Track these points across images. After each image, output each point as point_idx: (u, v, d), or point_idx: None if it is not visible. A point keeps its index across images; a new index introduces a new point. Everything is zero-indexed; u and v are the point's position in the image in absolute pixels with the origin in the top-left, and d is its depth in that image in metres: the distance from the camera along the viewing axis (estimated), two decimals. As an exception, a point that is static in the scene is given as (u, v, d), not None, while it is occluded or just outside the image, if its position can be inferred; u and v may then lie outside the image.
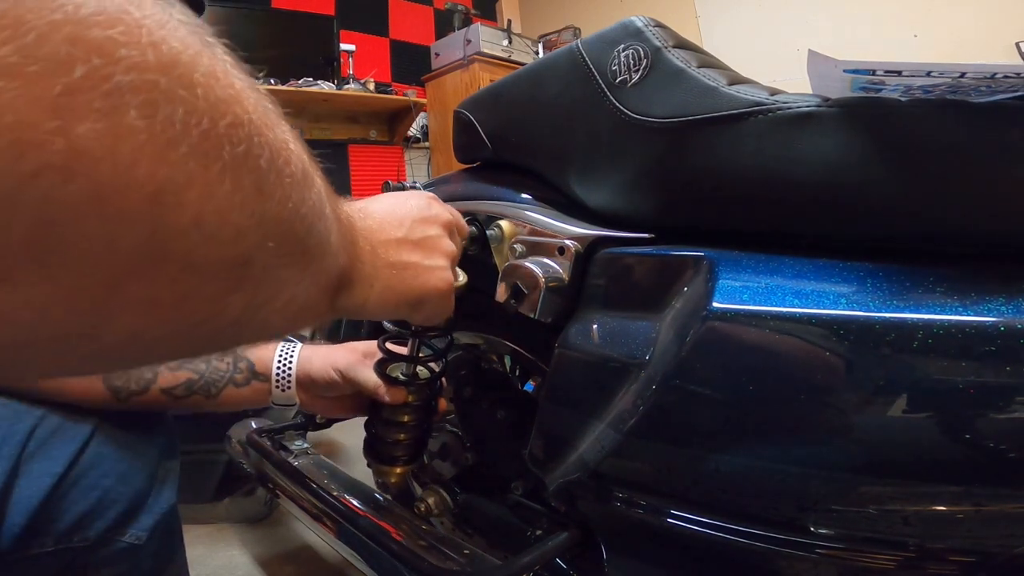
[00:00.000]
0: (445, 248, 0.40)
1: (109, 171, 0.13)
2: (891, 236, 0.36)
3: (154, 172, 0.14)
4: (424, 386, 0.57)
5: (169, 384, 0.50)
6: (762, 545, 0.35)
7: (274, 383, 0.57)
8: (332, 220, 0.26)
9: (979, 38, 2.12)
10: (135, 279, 0.15)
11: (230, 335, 0.22)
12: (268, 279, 0.20)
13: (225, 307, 0.19)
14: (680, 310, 0.39)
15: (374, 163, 3.01)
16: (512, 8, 3.74)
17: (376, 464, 0.59)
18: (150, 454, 0.48)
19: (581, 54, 0.51)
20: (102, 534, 0.43)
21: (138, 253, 0.15)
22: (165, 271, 0.16)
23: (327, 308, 0.29)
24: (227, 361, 0.54)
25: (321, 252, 0.25)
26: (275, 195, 0.19)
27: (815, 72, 0.37)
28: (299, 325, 0.27)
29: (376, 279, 0.34)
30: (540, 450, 0.49)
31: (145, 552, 0.46)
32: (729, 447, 0.36)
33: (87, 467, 0.43)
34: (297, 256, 0.22)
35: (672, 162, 0.44)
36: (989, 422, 0.29)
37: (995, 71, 0.31)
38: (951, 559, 0.31)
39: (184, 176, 0.15)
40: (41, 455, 0.41)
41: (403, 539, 0.58)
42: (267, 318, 0.22)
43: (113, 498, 0.44)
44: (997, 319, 0.29)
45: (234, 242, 0.18)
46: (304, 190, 0.21)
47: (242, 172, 0.17)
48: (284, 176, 0.20)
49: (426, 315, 0.40)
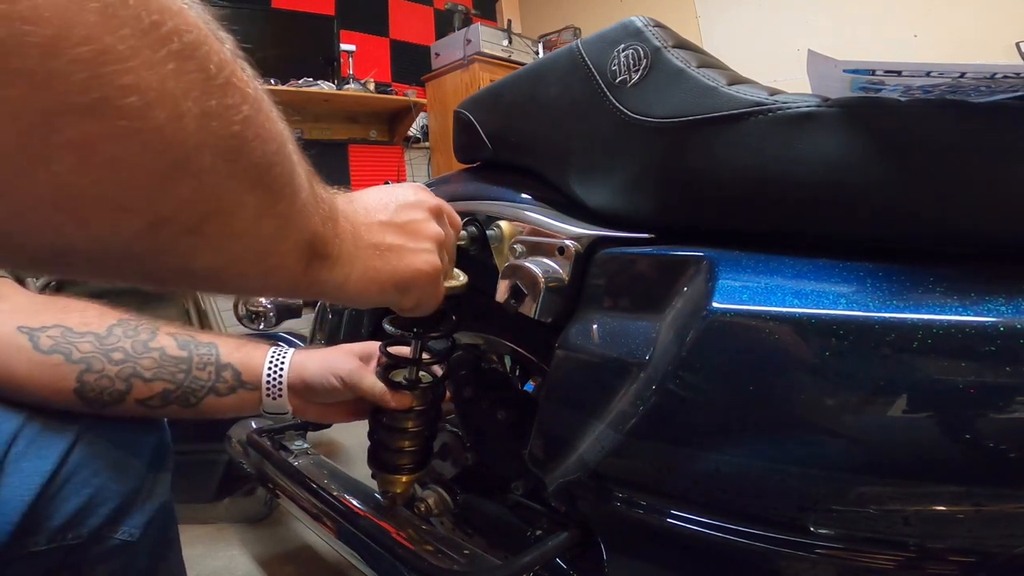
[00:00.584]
0: (430, 231, 0.40)
1: (58, 25, 0.15)
2: (891, 236, 0.36)
3: (100, 37, 0.16)
4: (428, 390, 0.56)
5: (144, 395, 0.48)
6: (762, 545, 0.35)
7: (264, 391, 0.55)
8: (304, 177, 0.28)
9: (979, 38, 2.12)
10: (70, 117, 0.16)
11: (185, 248, 0.22)
12: (216, 188, 0.22)
13: (166, 196, 0.20)
14: (680, 310, 0.39)
15: (374, 163, 3.01)
16: (512, 8, 3.74)
17: (381, 473, 0.57)
18: (142, 451, 0.48)
19: (581, 54, 0.51)
20: (95, 531, 0.43)
21: (75, 91, 0.16)
22: (103, 121, 0.17)
23: (301, 273, 0.30)
24: (209, 370, 0.52)
25: (288, 195, 0.26)
26: (222, 100, 0.21)
27: (815, 72, 0.37)
28: (272, 281, 0.29)
29: (357, 258, 0.34)
30: (540, 450, 0.49)
31: (139, 549, 0.46)
32: (729, 447, 0.36)
33: (78, 465, 0.42)
34: (254, 182, 0.23)
35: (672, 162, 0.44)
36: (989, 422, 0.29)
37: (995, 71, 0.31)
38: (951, 559, 0.31)
39: (128, 49, 0.17)
40: (31, 454, 0.41)
41: (403, 539, 0.58)
42: (229, 247, 0.24)
43: (105, 495, 0.44)
44: (997, 319, 0.29)
45: (174, 121, 0.19)
46: (259, 116, 0.23)
47: (188, 62, 0.19)
48: (233, 88, 0.21)
49: (414, 301, 0.40)
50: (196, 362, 0.52)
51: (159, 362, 0.50)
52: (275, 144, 0.24)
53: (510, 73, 0.61)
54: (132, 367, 0.48)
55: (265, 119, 0.24)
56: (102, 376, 0.46)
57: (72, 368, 0.45)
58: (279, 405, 0.56)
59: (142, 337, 0.50)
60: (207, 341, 0.54)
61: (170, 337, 0.52)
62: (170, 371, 0.50)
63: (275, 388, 0.55)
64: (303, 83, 2.56)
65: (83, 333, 0.47)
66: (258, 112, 0.23)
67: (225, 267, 0.25)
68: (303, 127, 2.74)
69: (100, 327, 0.48)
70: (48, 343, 0.45)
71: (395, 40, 3.22)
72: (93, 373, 0.46)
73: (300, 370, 0.56)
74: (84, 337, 0.47)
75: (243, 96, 0.22)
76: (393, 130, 3.07)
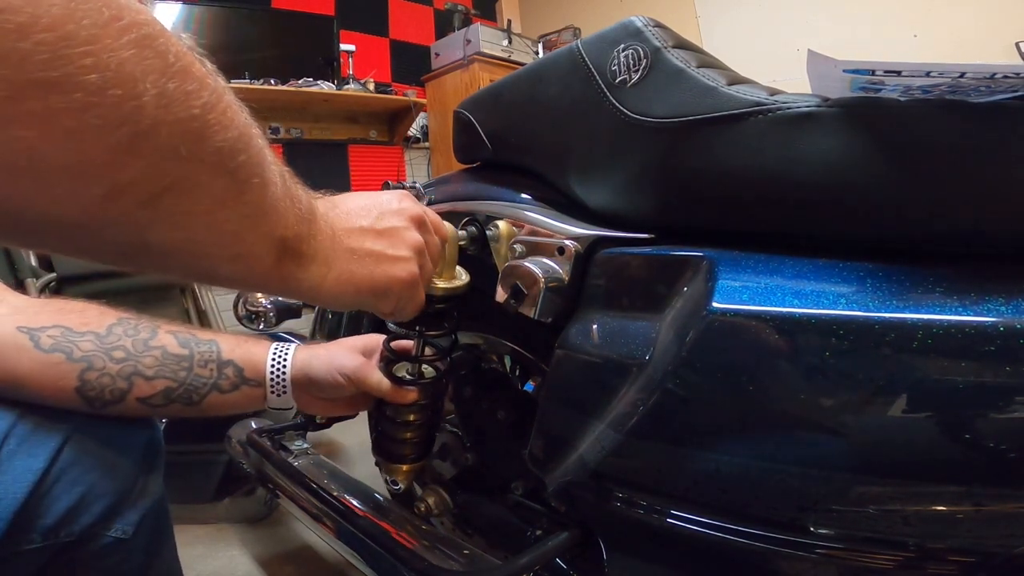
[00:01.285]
0: (410, 240, 0.40)
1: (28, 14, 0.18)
2: (890, 236, 0.36)
3: (63, 25, 0.19)
4: (431, 385, 0.57)
5: (145, 394, 0.49)
6: (762, 545, 0.35)
7: (268, 388, 0.56)
8: (277, 174, 0.30)
9: (979, 38, 2.12)
10: (36, 91, 0.19)
11: (142, 219, 0.24)
12: (174, 166, 0.23)
13: (123, 167, 0.22)
14: (680, 310, 0.39)
15: (374, 163, 3.01)
16: (512, 8, 3.74)
17: (385, 462, 0.59)
18: (134, 449, 0.48)
19: (581, 54, 0.51)
20: (88, 529, 0.43)
21: (40, 68, 0.18)
22: (64, 95, 0.19)
23: (272, 266, 0.31)
24: (210, 367, 0.53)
25: (256, 186, 0.28)
26: (181, 85, 0.23)
27: (815, 72, 0.37)
28: (240, 269, 0.30)
29: (334, 261, 0.35)
30: (540, 450, 0.49)
31: (133, 546, 0.46)
32: (729, 447, 0.36)
33: (70, 463, 0.42)
34: (216, 166, 0.25)
35: (672, 162, 0.44)
36: (989, 422, 0.29)
37: (995, 71, 0.31)
38: (951, 559, 0.31)
39: (89, 35, 0.19)
40: (23, 452, 0.41)
41: (403, 539, 0.58)
42: (188, 225, 0.25)
43: (98, 493, 0.44)
44: (997, 319, 0.29)
45: (132, 99, 0.21)
46: (220, 105, 0.25)
47: (145, 50, 0.21)
48: (191, 76, 0.23)
49: (392, 307, 0.41)
50: (197, 359, 0.52)
51: (160, 360, 0.50)
52: (237, 132, 0.26)
53: (510, 73, 0.61)
54: (133, 365, 0.48)
55: (227, 107, 0.25)
56: (103, 374, 0.46)
57: (73, 367, 0.45)
58: (284, 401, 0.57)
59: (142, 336, 0.50)
60: (207, 339, 0.54)
61: (170, 335, 0.52)
62: (172, 369, 0.50)
63: (279, 385, 0.56)
64: (303, 83, 2.55)
65: (83, 332, 0.47)
66: (219, 101, 0.25)
67: (184, 245, 0.26)
68: (303, 127, 2.74)
69: (100, 326, 0.48)
70: (49, 342, 0.45)
71: (395, 40, 3.22)
72: (94, 371, 0.46)
73: (304, 367, 0.57)
74: (84, 336, 0.47)
75: (202, 84, 0.24)
76: (393, 130, 3.07)
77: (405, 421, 0.57)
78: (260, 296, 1.01)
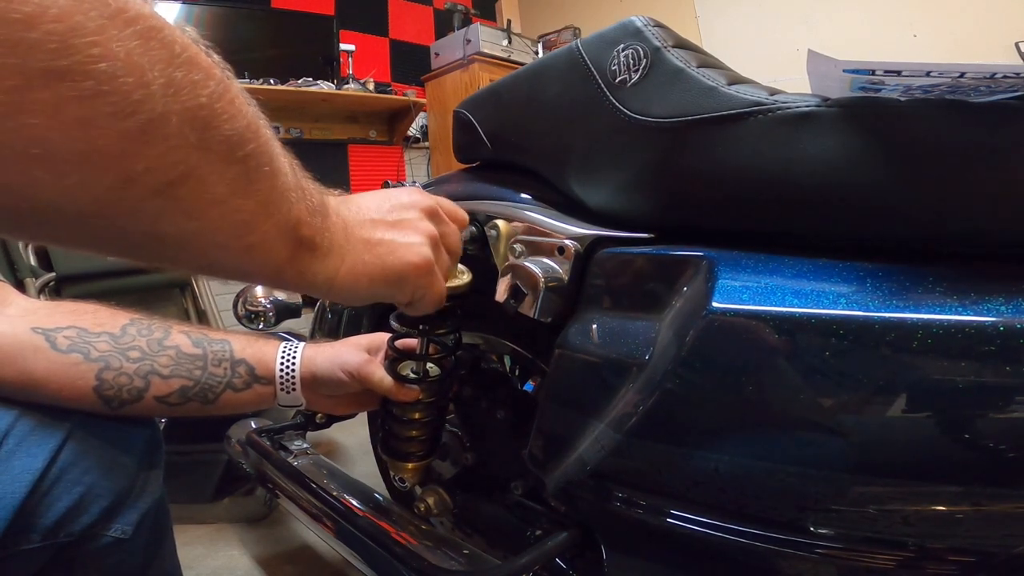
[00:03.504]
0: (422, 228, 0.40)
1: (35, 4, 0.18)
2: (891, 236, 0.36)
3: (71, 16, 0.19)
4: (436, 382, 0.57)
5: (162, 392, 0.49)
6: (762, 545, 0.35)
7: (278, 386, 0.56)
8: (288, 167, 0.30)
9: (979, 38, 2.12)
10: (45, 79, 0.19)
11: (154, 209, 0.24)
12: (185, 154, 0.24)
13: (135, 155, 0.22)
14: (680, 310, 0.39)
15: (374, 163, 3.01)
16: (512, 8, 3.74)
17: (391, 460, 0.59)
18: (133, 448, 0.48)
19: (581, 54, 0.50)
20: (87, 529, 0.43)
21: (49, 57, 0.19)
22: (73, 83, 0.19)
23: (286, 259, 0.31)
24: (224, 366, 0.54)
25: (267, 176, 0.28)
26: (187, 74, 0.23)
27: (815, 72, 0.37)
28: (255, 261, 0.30)
29: (348, 253, 0.35)
30: (540, 450, 0.49)
31: (133, 546, 0.46)
32: (729, 447, 0.36)
33: (69, 463, 0.42)
34: (226, 155, 0.25)
35: (672, 162, 0.44)
36: (989, 422, 0.29)
37: (995, 71, 0.31)
38: (951, 559, 0.31)
39: (96, 26, 0.20)
40: (22, 452, 0.41)
41: (403, 539, 0.58)
42: (203, 214, 0.25)
43: (97, 492, 0.44)
44: (997, 319, 0.29)
45: (141, 87, 0.21)
46: (227, 95, 0.25)
47: (151, 41, 0.22)
48: (197, 66, 0.24)
49: (409, 295, 0.41)
50: (211, 359, 0.53)
51: (175, 359, 0.50)
52: (245, 121, 0.26)
53: (510, 73, 0.61)
54: (150, 364, 0.49)
55: (234, 97, 0.26)
56: (120, 374, 0.47)
57: (91, 367, 0.45)
58: (293, 398, 0.57)
59: (156, 335, 0.51)
60: (219, 338, 0.55)
61: (184, 335, 0.53)
62: (187, 368, 0.51)
63: (289, 382, 0.57)
64: (303, 83, 2.55)
65: (98, 333, 0.47)
66: (226, 91, 0.25)
67: (199, 234, 0.27)
68: (303, 127, 2.73)
69: (114, 327, 0.49)
70: (65, 343, 0.45)
71: (395, 40, 3.22)
72: (112, 371, 0.46)
73: (310, 365, 0.58)
74: (100, 337, 0.47)
75: (208, 74, 0.24)
76: (393, 130, 3.07)
77: (411, 419, 0.57)
78: (259, 296, 1.01)
